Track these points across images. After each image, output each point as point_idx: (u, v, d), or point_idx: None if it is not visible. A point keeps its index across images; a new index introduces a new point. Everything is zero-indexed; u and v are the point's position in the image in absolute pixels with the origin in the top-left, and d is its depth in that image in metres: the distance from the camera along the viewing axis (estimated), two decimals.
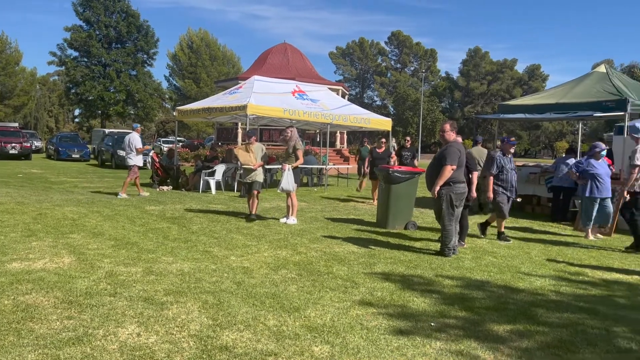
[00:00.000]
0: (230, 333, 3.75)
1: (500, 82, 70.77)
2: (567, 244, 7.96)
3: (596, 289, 5.38)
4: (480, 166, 8.56)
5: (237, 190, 13.36)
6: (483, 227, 8.31)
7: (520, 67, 74.96)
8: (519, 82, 71.95)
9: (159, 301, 4.41)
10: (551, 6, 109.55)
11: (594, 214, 8.26)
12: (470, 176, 7.11)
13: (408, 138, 13.26)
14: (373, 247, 7.10)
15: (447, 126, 6.70)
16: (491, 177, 7.82)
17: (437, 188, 6.52)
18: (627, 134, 10.53)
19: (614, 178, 9.64)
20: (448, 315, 4.34)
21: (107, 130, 31.17)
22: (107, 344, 3.47)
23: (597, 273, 6.09)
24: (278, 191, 8.84)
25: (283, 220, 8.85)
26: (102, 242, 6.66)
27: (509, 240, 7.89)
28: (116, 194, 11.79)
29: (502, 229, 8.07)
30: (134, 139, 11.95)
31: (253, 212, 9.02)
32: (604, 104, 10.51)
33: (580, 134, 22.12)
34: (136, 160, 11.95)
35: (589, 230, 8.47)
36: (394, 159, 12.41)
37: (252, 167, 8.92)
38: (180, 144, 34.89)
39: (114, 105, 44.91)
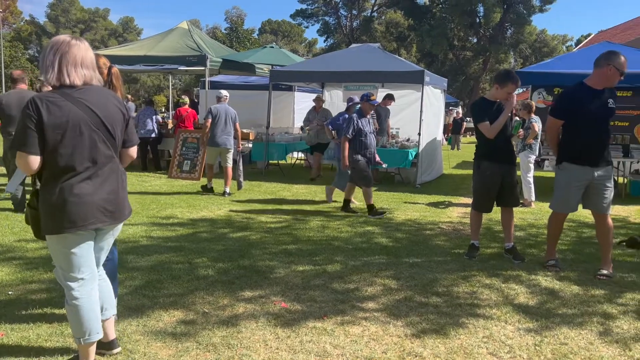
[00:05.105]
0: None
1: (95, 32, 67.50)
2: (159, 193, 8.39)
3: (184, 228, 5.88)
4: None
5: None
6: (346, 204, 7.16)
7: (114, 19, 73.35)
8: (114, 33, 70.32)
9: None
10: None
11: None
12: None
13: None
14: None
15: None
16: (347, 142, 6.77)
17: None
18: (208, 88, 11.79)
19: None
20: (30, 280, 3.95)
21: None
22: None
23: (186, 214, 6.66)
24: None
25: None
26: None
27: (382, 214, 6.83)
28: None
29: (372, 202, 6.91)
30: None
31: None
32: (187, 58, 11.32)
33: (171, 88, 23.40)
34: None
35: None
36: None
37: None
38: None
39: None
